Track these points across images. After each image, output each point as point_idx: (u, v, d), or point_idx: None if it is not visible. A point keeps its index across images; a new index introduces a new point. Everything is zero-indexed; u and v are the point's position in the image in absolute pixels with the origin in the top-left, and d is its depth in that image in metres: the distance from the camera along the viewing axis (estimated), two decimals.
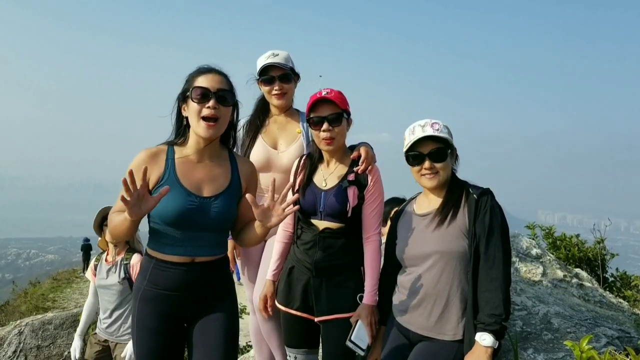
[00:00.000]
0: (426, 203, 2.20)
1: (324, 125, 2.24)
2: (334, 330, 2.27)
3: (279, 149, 2.71)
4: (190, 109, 1.97)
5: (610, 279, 4.41)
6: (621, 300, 3.73)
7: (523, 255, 3.88)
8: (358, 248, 2.32)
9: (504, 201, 2.07)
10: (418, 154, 2.10)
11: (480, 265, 1.97)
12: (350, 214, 2.26)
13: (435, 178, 2.10)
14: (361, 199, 2.28)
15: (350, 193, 2.26)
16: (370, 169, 2.30)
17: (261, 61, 2.71)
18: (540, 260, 3.89)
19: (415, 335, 2.09)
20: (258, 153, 2.69)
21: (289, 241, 2.46)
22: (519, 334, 2.73)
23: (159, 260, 1.98)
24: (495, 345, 1.87)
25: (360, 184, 2.28)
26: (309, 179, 2.37)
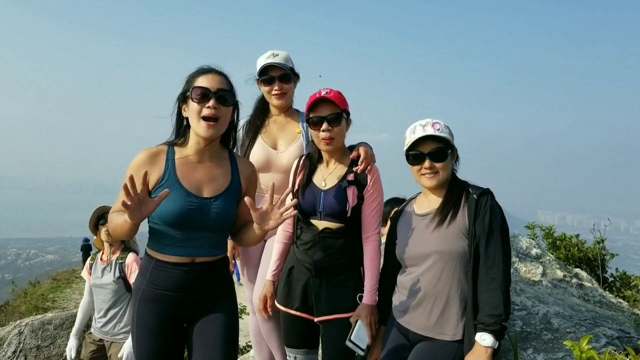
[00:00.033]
0: (426, 203, 2.20)
1: (324, 125, 2.24)
2: (333, 330, 2.27)
3: (279, 149, 2.71)
4: (191, 109, 1.97)
5: (610, 279, 4.41)
6: (621, 300, 3.73)
7: (523, 255, 3.88)
8: (358, 248, 2.32)
9: (504, 201, 2.07)
10: (418, 153, 2.11)
11: (480, 265, 1.97)
12: (349, 214, 2.26)
13: (435, 178, 2.10)
14: (360, 199, 2.28)
15: (350, 193, 2.26)
16: (370, 168, 2.30)
17: (261, 61, 2.71)
18: (540, 260, 3.89)
19: (415, 336, 2.09)
20: (258, 153, 2.69)
21: (289, 241, 2.46)
22: (519, 334, 2.73)
23: (159, 260, 1.98)
24: (495, 345, 1.87)
25: (360, 184, 2.28)
26: (308, 179, 2.37)
